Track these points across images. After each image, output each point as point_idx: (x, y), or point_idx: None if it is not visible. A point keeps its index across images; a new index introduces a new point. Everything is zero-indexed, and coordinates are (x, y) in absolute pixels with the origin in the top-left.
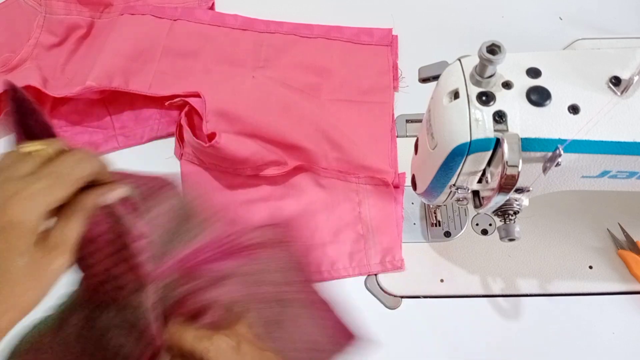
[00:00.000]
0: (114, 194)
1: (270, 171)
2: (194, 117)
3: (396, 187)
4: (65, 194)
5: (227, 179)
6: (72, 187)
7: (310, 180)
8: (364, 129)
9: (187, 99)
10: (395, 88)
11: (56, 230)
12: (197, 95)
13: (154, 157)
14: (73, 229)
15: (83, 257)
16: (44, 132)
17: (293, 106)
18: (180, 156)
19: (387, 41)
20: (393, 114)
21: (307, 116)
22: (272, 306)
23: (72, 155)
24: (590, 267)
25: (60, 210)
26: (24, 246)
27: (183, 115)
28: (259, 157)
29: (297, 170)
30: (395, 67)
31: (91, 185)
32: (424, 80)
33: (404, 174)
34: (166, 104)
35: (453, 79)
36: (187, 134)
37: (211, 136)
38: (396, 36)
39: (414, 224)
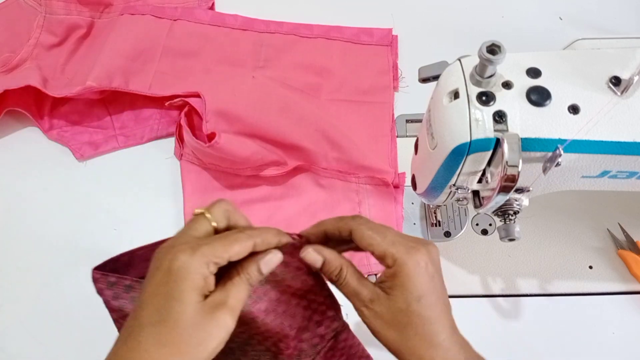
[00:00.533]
0: (271, 260)
1: (270, 171)
2: (193, 117)
3: (396, 187)
4: (228, 256)
5: (227, 179)
6: (234, 253)
7: (310, 180)
8: (364, 129)
9: (187, 99)
10: (395, 88)
11: (220, 290)
12: (197, 96)
13: (154, 157)
14: (237, 292)
15: None
16: None
17: (293, 106)
18: (180, 156)
19: (387, 41)
20: (393, 114)
21: (307, 116)
22: None
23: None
24: (590, 267)
25: (224, 275)
26: (192, 294)
27: (183, 116)
28: (258, 157)
29: (297, 170)
30: (395, 67)
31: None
32: (424, 80)
33: (404, 174)
34: (166, 104)
35: (453, 79)
36: (187, 134)
37: (211, 136)
38: (396, 36)
39: (414, 224)
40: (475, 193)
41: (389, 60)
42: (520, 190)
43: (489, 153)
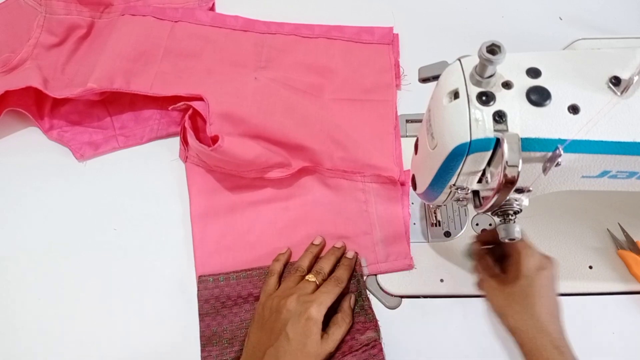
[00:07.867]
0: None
1: (275, 174)
2: (197, 119)
3: (402, 184)
4: (336, 297)
5: (232, 181)
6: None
7: (316, 181)
8: (368, 127)
9: (190, 103)
10: (398, 86)
11: (332, 327)
12: (200, 99)
13: (154, 158)
14: (343, 327)
15: None
16: None
17: (297, 107)
18: (185, 159)
19: (388, 39)
20: (396, 112)
21: (310, 116)
22: None
23: (341, 269)
24: (590, 267)
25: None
26: (316, 334)
27: (187, 118)
28: (262, 160)
29: (302, 172)
30: (397, 65)
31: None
32: (424, 80)
33: (409, 171)
34: (170, 108)
35: (453, 79)
36: (191, 137)
37: (215, 139)
38: (397, 34)
39: (414, 224)
40: (475, 193)
41: (391, 59)
42: (520, 190)
43: (489, 153)
